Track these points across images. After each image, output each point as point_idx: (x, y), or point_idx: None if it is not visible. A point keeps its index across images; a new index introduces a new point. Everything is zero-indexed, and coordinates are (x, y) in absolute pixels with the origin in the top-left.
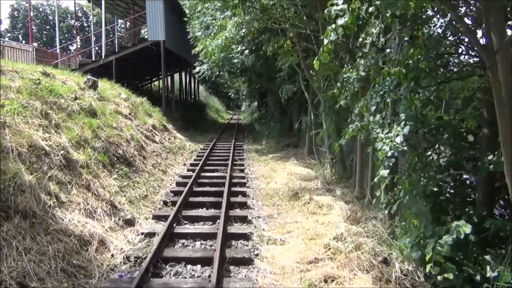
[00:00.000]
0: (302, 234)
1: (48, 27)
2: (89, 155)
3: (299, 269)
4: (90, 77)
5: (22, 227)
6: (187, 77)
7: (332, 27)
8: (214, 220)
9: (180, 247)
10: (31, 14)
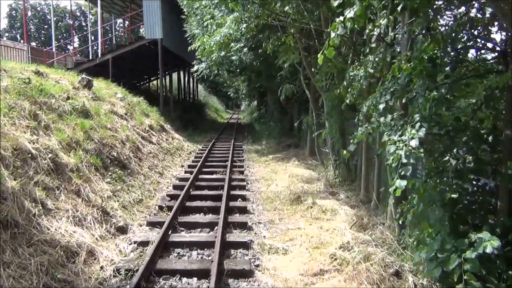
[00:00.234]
0: (306, 242)
1: (46, 26)
2: (80, 158)
3: (303, 282)
4: (85, 76)
5: (1, 239)
6: (186, 76)
7: (339, 20)
8: (212, 227)
9: (175, 258)
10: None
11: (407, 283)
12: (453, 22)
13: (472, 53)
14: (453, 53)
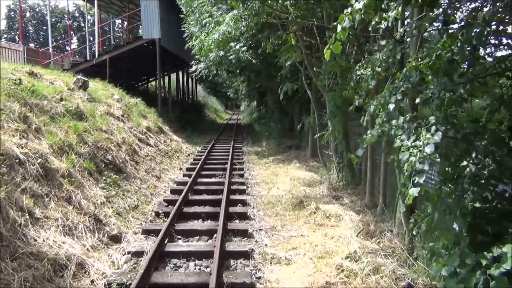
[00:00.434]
0: (310, 251)
1: (45, 27)
2: (72, 162)
3: None
4: (80, 77)
5: None
6: (185, 76)
7: (347, 11)
8: (211, 235)
9: (171, 270)
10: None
11: None
12: (468, 15)
13: (487, 50)
14: (469, 48)
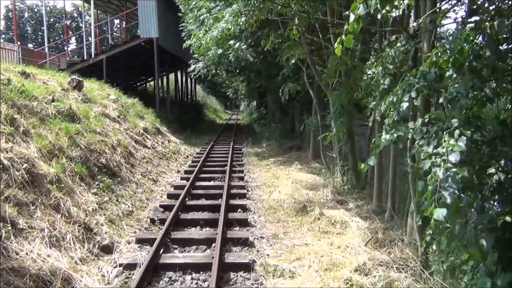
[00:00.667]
0: (315, 262)
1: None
2: (63, 166)
3: None
4: (75, 76)
5: None
6: (184, 76)
7: None
8: (209, 244)
9: (166, 284)
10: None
11: None
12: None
13: None
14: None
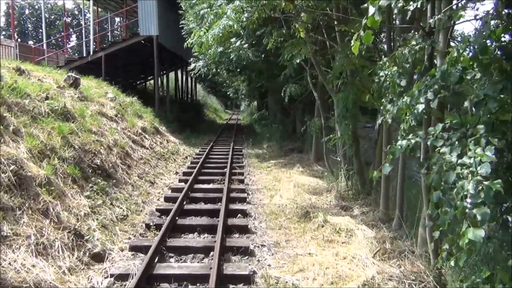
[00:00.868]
0: (320, 275)
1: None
2: (54, 168)
3: None
4: (71, 74)
5: None
6: (184, 75)
7: None
8: (207, 253)
9: None
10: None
11: None
12: None
13: None
14: None
